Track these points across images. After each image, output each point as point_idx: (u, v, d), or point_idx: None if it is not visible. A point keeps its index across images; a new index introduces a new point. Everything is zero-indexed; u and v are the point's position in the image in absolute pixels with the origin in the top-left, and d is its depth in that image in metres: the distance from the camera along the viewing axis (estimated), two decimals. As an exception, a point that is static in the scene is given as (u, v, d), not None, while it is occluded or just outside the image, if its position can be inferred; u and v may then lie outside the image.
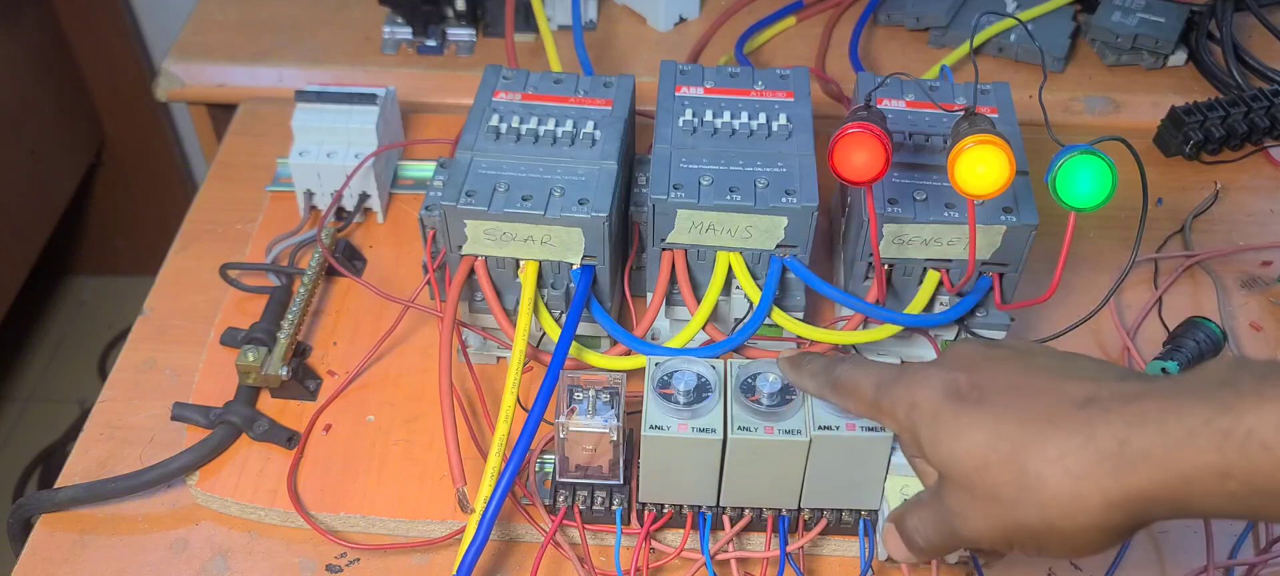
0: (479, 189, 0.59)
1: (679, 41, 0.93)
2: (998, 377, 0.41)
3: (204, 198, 0.80)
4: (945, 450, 0.41)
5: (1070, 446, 0.38)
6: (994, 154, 0.52)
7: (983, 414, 0.40)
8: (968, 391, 0.41)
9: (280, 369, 0.64)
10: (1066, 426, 0.38)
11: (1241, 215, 0.78)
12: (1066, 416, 0.38)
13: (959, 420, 0.41)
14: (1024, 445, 0.39)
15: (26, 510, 0.60)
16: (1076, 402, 0.39)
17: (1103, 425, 0.37)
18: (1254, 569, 0.58)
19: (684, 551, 0.57)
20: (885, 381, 0.45)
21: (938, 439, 0.41)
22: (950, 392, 0.42)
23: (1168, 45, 0.87)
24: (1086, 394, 0.39)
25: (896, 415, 0.44)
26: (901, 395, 0.44)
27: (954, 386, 0.42)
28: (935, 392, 0.42)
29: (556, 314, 0.61)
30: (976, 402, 0.41)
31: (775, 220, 0.58)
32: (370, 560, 0.58)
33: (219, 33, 0.94)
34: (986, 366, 0.42)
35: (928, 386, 0.43)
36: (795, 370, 0.52)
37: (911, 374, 0.44)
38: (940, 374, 0.43)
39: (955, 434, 0.41)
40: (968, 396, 0.41)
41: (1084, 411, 0.38)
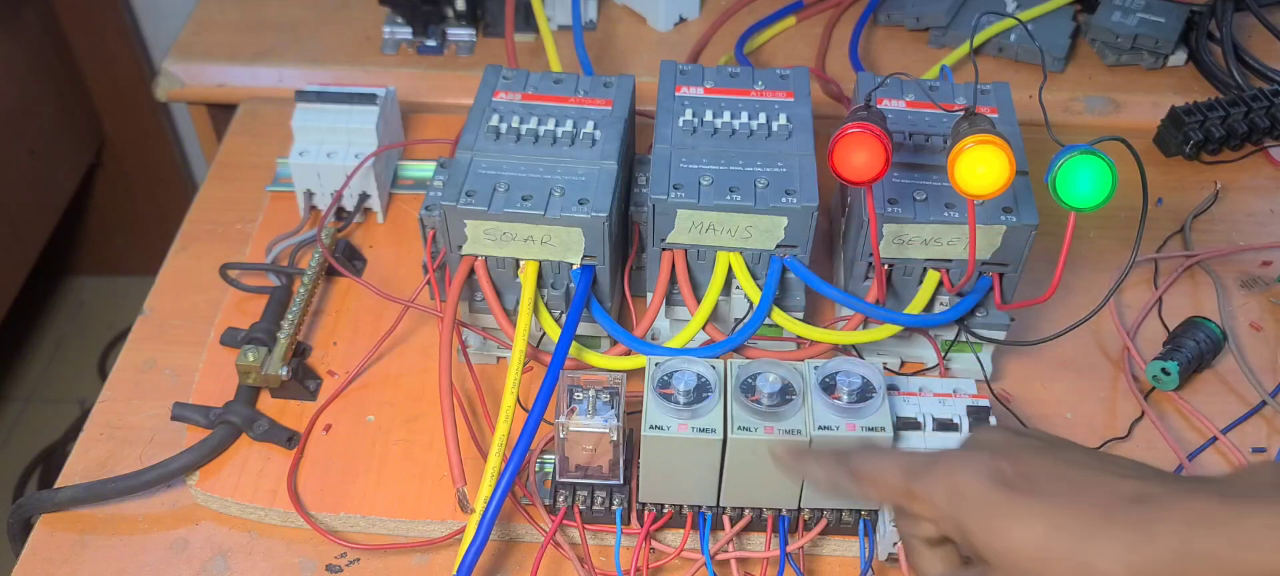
0: (479, 189, 0.59)
1: (679, 41, 0.93)
2: (1042, 467, 0.41)
3: (204, 198, 0.80)
4: (1000, 542, 0.40)
5: (1133, 543, 0.38)
6: (994, 154, 0.52)
7: (1037, 503, 0.40)
8: (1015, 480, 0.41)
9: (280, 369, 0.64)
10: (1126, 524, 0.38)
11: (1241, 215, 0.78)
12: (1125, 513, 0.39)
13: (1011, 508, 0.40)
14: (1085, 539, 0.39)
15: (26, 510, 0.60)
16: (1130, 499, 0.39)
17: (1161, 524, 0.38)
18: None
19: (684, 551, 0.57)
20: (917, 468, 0.44)
21: (990, 529, 0.40)
22: (997, 479, 0.41)
23: (1168, 45, 0.87)
24: (1138, 491, 0.39)
25: (935, 502, 0.43)
26: (940, 480, 0.43)
27: (1000, 473, 0.41)
28: (981, 478, 0.41)
29: (556, 314, 0.61)
30: (1027, 492, 0.40)
31: (775, 220, 0.58)
32: (370, 560, 0.58)
33: (219, 33, 0.94)
34: (1026, 455, 0.42)
35: (971, 471, 0.42)
36: (798, 460, 0.50)
37: (948, 459, 0.43)
38: (982, 458, 0.42)
39: (1008, 525, 0.40)
40: (1016, 485, 0.41)
41: (1142, 508, 0.38)
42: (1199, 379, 0.67)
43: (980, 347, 0.64)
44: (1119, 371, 0.67)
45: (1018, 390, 0.65)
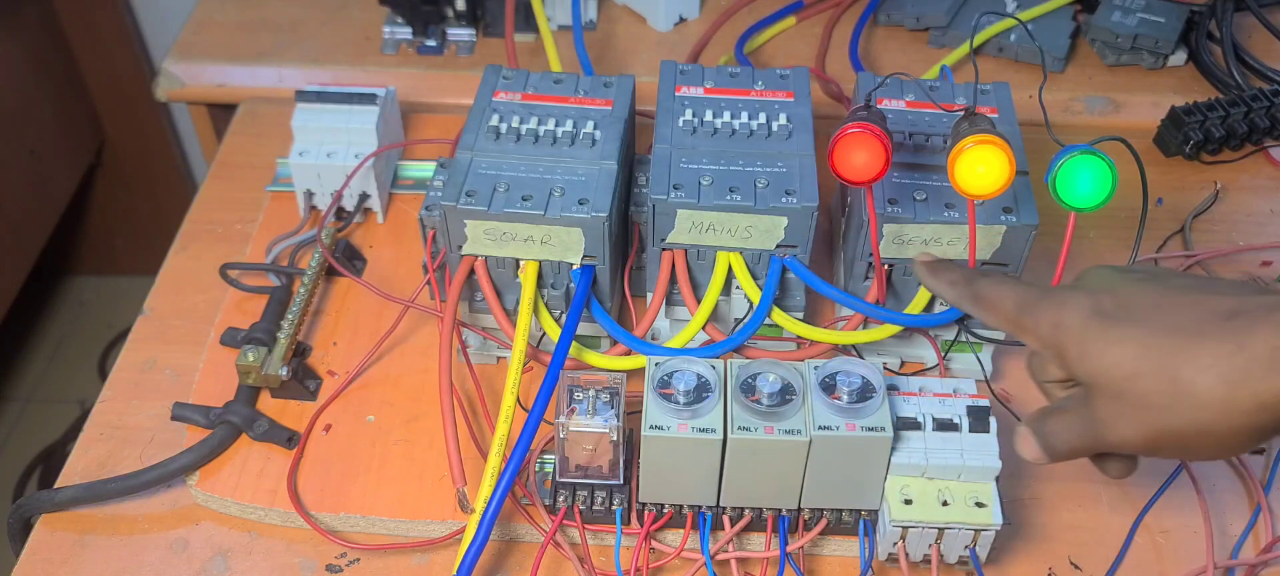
0: (479, 189, 0.59)
1: (679, 41, 0.93)
2: (1141, 297, 0.44)
3: (204, 198, 0.80)
4: (1095, 363, 0.44)
5: (1222, 353, 0.40)
6: (994, 154, 0.52)
7: (1132, 328, 0.43)
8: (1113, 310, 0.44)
9: (280, 369, 0.64)
10: (1217, 336, 0.41)
11: (1241, 215, 0.78)
12: (1216, 327, 0.41)
13: (1108, 334, 0.44)
14: (1174, 354, 0.41)
15: (26, 510, 0.60)
16: (1223, 315, 0.41)
17: (1251, 334, 0.40)
18: (1254, 569, 0.58)
19: (684, 551, 0.57)
20: (1029, 300, 0.48)
21: (1086, 353, 0.44)
22: (1096, 311, 0.45)
23: (1168, 45, 0.87)
24: (1231, 307, 0.42)
25: (1039, 332, 0.47)
26: (1046, 314, 0.46)
27: (1099, 306, 0.45)
28: (1082, 311, 0.45)
29: (556, 314, 0.61)
30: (1124, 320, 0.44)
31: (775, 220, 0.58)
32: (370, 560, 0.58)
33: (219, 33, 0.94)
34: (1127, 287, 0.45)
35: (1073, 305, 0.45)
36: (933, 276, 0.55)
37: (1055, 295, 0.47)
38: (1083, 296, 0.46)
39: (1105, 347, 0.44)
40: (1113, 314, 0.44)
41: (1233, 322, 0.41)
42: (1199, 379, 0.67)
43: (980, 347, 0.64)
44: (1119, 371, 0.67)
45: (1018, 390, 0.66)
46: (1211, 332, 0.41)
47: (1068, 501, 0.61)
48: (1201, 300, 0.43)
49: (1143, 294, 0.44)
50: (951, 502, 0.53)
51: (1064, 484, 0.61)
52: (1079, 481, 0.61)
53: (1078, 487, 0.61)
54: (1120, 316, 0.44)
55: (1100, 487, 0.61)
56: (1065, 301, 0.46)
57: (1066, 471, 0.61)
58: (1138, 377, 0.42)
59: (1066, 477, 0.61)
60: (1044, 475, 0.61)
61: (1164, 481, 0.61)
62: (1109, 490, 0.61)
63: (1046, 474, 0.61)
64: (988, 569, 0.57)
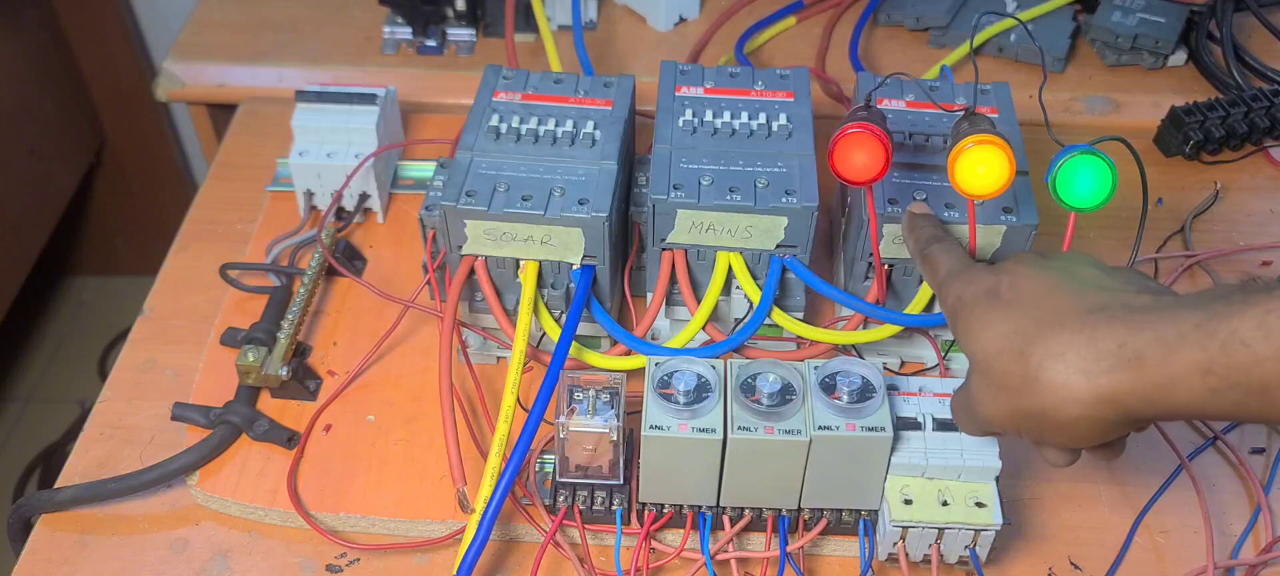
0: (479, 189, 0.59)
1: (679, 41, 0.93)
2: (1034, 284, 0.46)
3: (204, 198, 0.80)
4: (972, 341, 0.46)
5: (1073, 343, 0.42)
6: (994, 154, 0.52)
7: (1008, 312, 0.45)
8: (1005, 293, 0.46)
9: (280, 369, 0.64)
10: (1073, 326, 0.42)
11: (1241, 215, 0.78)
12: (1077, 319, 0.43)
13: (988, 315, 0.46)
14: (1033, 339, 0.43)
15: (26, 510, 0.60)
16: (1090, 308, 0.43)
17: (1105, 328, 0.41)
18: (1254, 569, 0.58)
19: (684, 551, 0.57)
20: (954, 270, 0.51)
21: (969, 330, 0.47)
22: (990, 292, 0.47)
23: (1168, 45, 0.87)
24: (1102, 301, 0.43)
25: (947, 303, 0.50)
26: (955, 287, 0.49)
27: (995, 288, 0.47)
28: (979, 290, 0.47)
29: (556, 314, 0.61)
30: (1007, 304, 0.46)
31: (775, 220, 0.58)
32: (370, 560, 0.58)
33: (219, 33, 0.94)
34: (1029, 273, 0.47)
35: (976, 284, 0.48)
36: (909, 227, 0.57)
37: (970, 271, 0.50)
38: (989, 276, 0.48)
39: (982, 327, 0.46)
40: (1003, 297, 0.46)
41: (1094, 316, 0.42)
42: (1199, 379, 0.67)
43: (980, 347, 0.64)
44: (1119, 371, 0.67)
45: (1018, 390, 0.65)
46: (1070, 323, 0.42)
47: (1068, 501, 0.61)
48: (1083, 293, 0.44)
49: (1040, 281, 0.46)
50: (951, 502, 0.53)
51: (1064, 484, 0.61)
52: (1079, 481, 0.61)
53: (1078, 487, 0.61)
54: (1007, 300, 0.46)
55: (1100, 487, 0.61)
56: (973, 277, 0.49)
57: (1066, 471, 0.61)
58: (999, 357, 0.44)
59: (1066, 477, 0.61)
60: (1044, 475, 0.61)
61: (1164, 481, 0.61)
62: (1109, 490, 0.61)
63: (1047, 474, 0.61)
64: (988, 569, 0.57)
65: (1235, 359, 0.38)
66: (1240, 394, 0.38)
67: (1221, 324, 0.38)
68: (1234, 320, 0.38)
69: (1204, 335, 0.39)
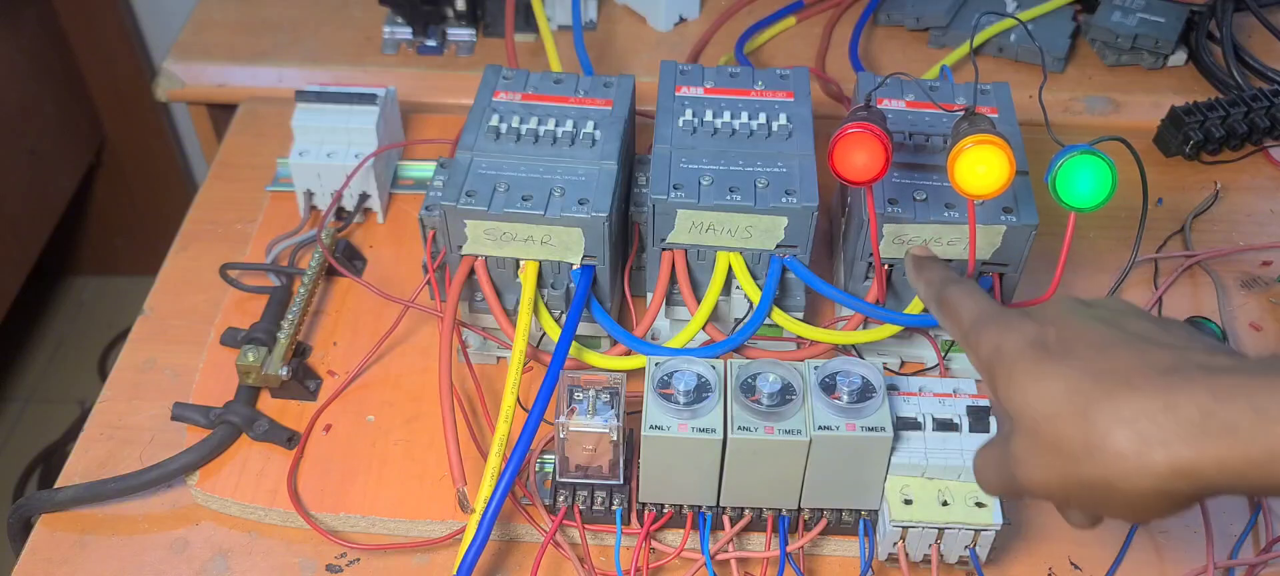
0: (479, 189, 0.59)
1: (679, 41, 0.93)
2: (1085, 335, 0.42)
3: (204, 198, 0.80)
4: (1018, 396, 0.41)
5: (1147, 410, 0.37)
6: (994, 154, 0.52)
7: (1063, 367, 0.41)
8: (1053, 344, 0.42)
9: (280, 369, 0.64)
10: (1146, 390, 0.38)
11: (1241, 215, 0.78)
12: (1147, 381, 0.38)
13: (1038, 368, 0.41)
14: (1097, 401, 0.39)
15: (26, 510, 0.60)
16: (1160, 369, 0.39)
17: (1185, 393, 0.37)
18: (1254, 569, 0.58)
19: (684, 551, 0.57)
20: (982, 318, 0.46)
21: (1012, 384, 0.42)
22: (1035, 342, 0.42)
23: (1168, 45, 0.87)
24: (1171, 362, 0.39)
25: (980, 353, 0.45)
26: (990, 336, 0.44)
27: (1041, 338, 0.42)
28: (1021, 340, 0.43)
29: (556, 314, 0.61)
30: (1059, 356, 0.41)
31: (775, 220, 0.58)
32: (370, 560, 0.58)
33: (219, 33, 0.94)
34: (1076, 323, 0.43)
35: (1016, 333, 0.43)
36: (916, 271, 0.55)
37: (1005, 318, 0.45)
38: (1031, 325, 0.43)
39: (1030, 382, 0.41)
40: (1051, 348, 0.42)
41: (1166, 378, 0.38)
42: (1199, 379, 0.67)
43: (980, 347, 0.64)
44: (1119, 371, 0.67)
45: (1018, 390, 0.65)
46: (1141, 385, 0.38)
47: (1068, 501, 0.61)
48: (1144, 350, 0.40)
49: (1089, 332, 0.42)
50: (951, 502, 0.53)
51: (1064, 484, 0.61)
52: (1079, 481, 0.61)
53: (1078, 487, 0.61)
54: (1057, 352, 0.41)
55: (1100, 487, 0.61)
56: (1011, 326, 0.44)
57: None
58: (1055, 419, 0.40)
59: (1066, 477, 0.61)
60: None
61: (1164, 481, 0.61)
62: (1109, 490, 0.61)
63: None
64: (988, 569, 0.57)
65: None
66: None
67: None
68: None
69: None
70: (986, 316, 0.46)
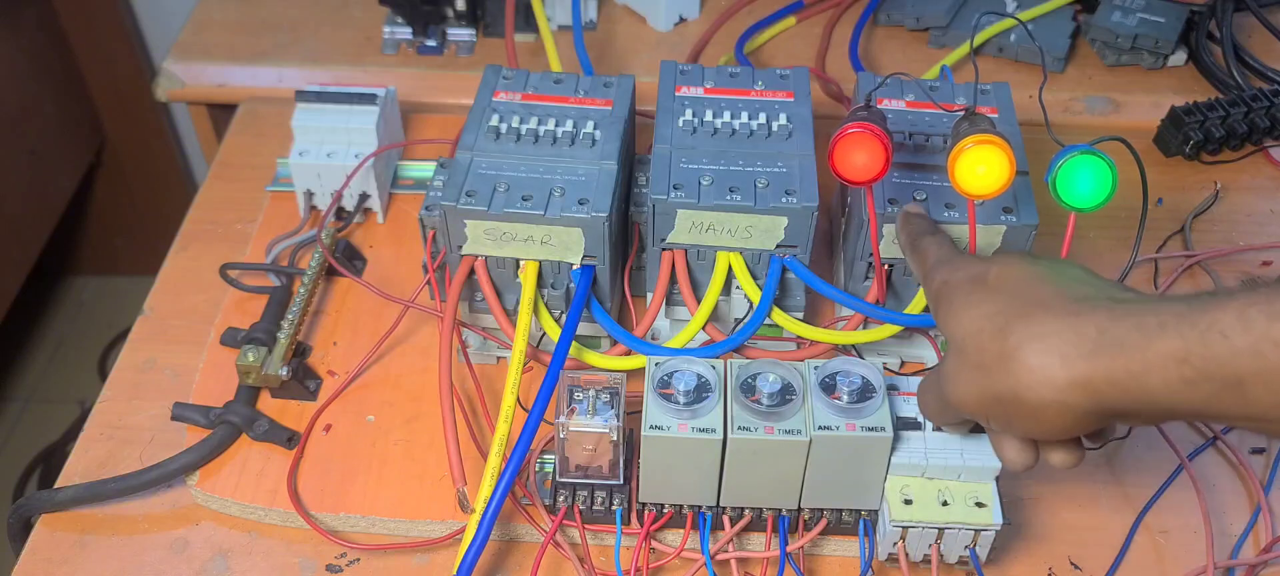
0: (479, 189, 0.59)
1: (679, 41, 0.93)
2: (1022, 273, 0.45)
3: (204, 198, 0.80)
4: (952, 321, 0.46)
5: (1053, 328, 0.42)
6: (994, 154, 0.52)
7: (993, 295, 0.45)
8: (992, 280, 0.46)
9: (280, 369, 0.64)
10: (1058, 312, 0.42)
11: (1241, 215, 0.78)
12: (1062, 306, 0.42)
13: (971, 297, 0.46)
14: (1013, 321, 0.43)
15: (26, 510, 0.60)
16: (1075, 298, 0.43)
17: (1089, 317, 0.41)
18: (1254, 569, 0.58)
19: (684, 551, 0.57)
20: (941, 259, 0.51)
21: (950, 311, 0.47)
22: (976, 277, 0.47)
23: (1168, 45, 0.87)
24: (1086, 293, 0.43)
25: (931, 287, 0.50)
26: (942, 273, 0.49)
27: (982, 274, 0.47)
28: (965, 276, 0.47)
29: (556, 314, 0.61)
30: (993, 289, 0.45)
31: (775, 220, 0.58)
32: (370, 560, 0.58)
33: (219, 33, 0.94)
34: (1017, 265, 0.46)
35: (963, 270, 0.48)
36: (902, 224, 0.57)
37: (958, 259, 0.50)
38: (976, 264, 0.48)
39: (963, 308, 0.46)
40: (989, 282, 0.46)
41: (1077, 304, 0.42)
42: (1199, 379, 0.67)
43: (980, 347, 0.64)
44: (1119, 371, 0.67)
45: (1018, 390, 0.65)
46: (1055, 307, 0.42)
47: (1068, 501, 0.61)
48: (1067, 286, 0.44)
49: (1028, 271, 0.45)
50: (951, 502, 0.53)
51: (1064, 484, 0.61)
52: (1079, 481, 0.61)
53: (1078, 488, 0.61)
54: (992, 286, 0.45)
55: (1100, 487, 0.61)
56: (960, 265, 0.49)
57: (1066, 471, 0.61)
58: (978, 335, 0.44)
59: (1066, 478, 0.61)
60: (1044, 475, 0.61)
61: (1164, 481, 0.61)
62: (1109, 490, 0.61)
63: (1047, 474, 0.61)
64: (988, 569, 0.57)
65: (1212, 349, 0.38)
66: (1215, 386, 0.38)
67: (1202, 314, 0.38)
68: (1215, 311, 0.38)
69: (1184, 324, 0.38)
70: (944, 258, 0.51)
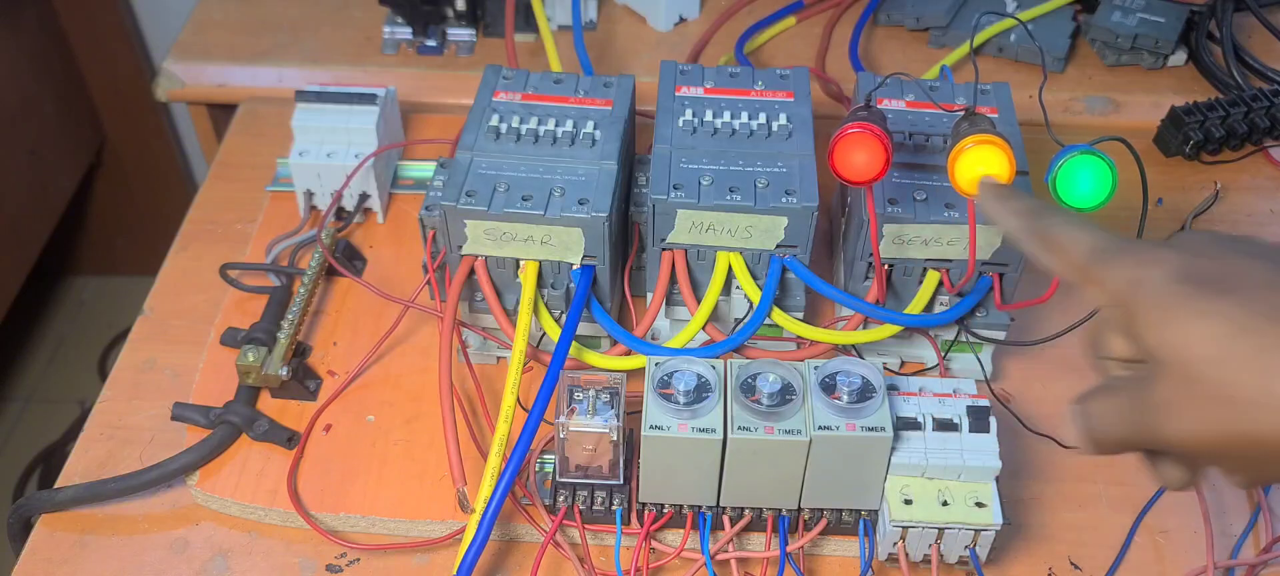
0: (479, 189, 0.59)
1: (679, 41, 0.93)
2: (1250, 272, 0.37)
3: (204, 198, 0.80)
4: (1174, 333, 0.36)
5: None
6: (994, 154, 0.52)
7: (1227, 303, 0.35)
8: (1212, 276, 0.37)
9: (280, 369, 0.64)
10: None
11: (1241, 215, 0.78)
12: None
13: (1197, 304, 0.36)
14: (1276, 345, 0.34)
15: (26, 510, 0.60)
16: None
17: None
18: (1254, 569, 0.58)
19: (684, 551, 0.57)
20: (1106, 248, 0.40)
21: (1166, 320, 0.36)
22: (1189, 275, 0.37)
23: (1168, 45, 0.87)
24: None
25: (1108, 286, 0.39)
26: (1125, 266, 0.39)
27: (1196, 270, 0.37)
28: (1171, 270, 0.37)
29: (556, 314, 0.61)
30: (1223, 290, 0.36)
31: (775, 220, 0.58)
32: (370, 560, 0.58)
33: (219, 33, 0.94)
34: (1234, 257, 0.37)
35: (1161, 264, 0.38)
36: (998, 202, 0.47)
37: (1140, 248, 0.39)
38: (1176, 256, 0.38)
39: (1191, 318, 0.36)
40: (1211, 281, 0.36)
41: None
42: (1199, 379, 0.67)
43: (980, 348, 0.64)
44: (1119, 371, 0.67)
45: (1018, 390, 0.66)
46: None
47: (1068, 501, 0.61)
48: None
49: (1250, 268, 0.37)
50: (951, 502, 0.53)
51: (1064, 484, 0.61)
52: (1079, 481, 0.61)
53: (1078, 488, 0.61)
54: (1218, 286, 0.36)
55: (1100, 487, 0.61)
56: (1152, 257, 0.38)
57: (1067, 471, 0.61)
58: (1224, 362, 0.35)
59: (1066, 477, 0.61)
60: (1044, 475, 0.61)
61: (1164, 481, 0.61)
62: (1109, 490, 0.61)
63: (1047, 474, 0.61)
64: (988, 569, 0.57)
65: None
66: None
67: None
68: None
69: None
70: (1113, 247, 0.40)
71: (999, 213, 0.47)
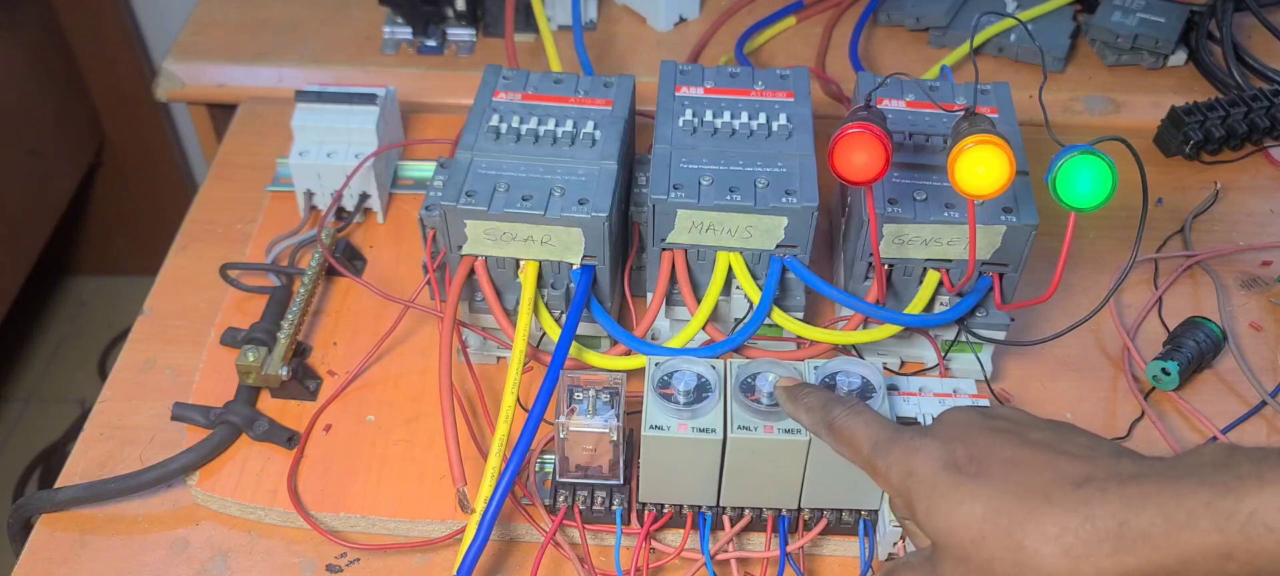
0: (479, 189, 0.59)
1: (679, 41, 0.93)
2: (995, 451, 0.42)
3: (204, 198, 0.80)
4: (942, 521, 0.42)
5: (1068, 525, 0.38)
6: (994, 154, 0.52)
7: (980, 487, 0.41)
8: (965, 464, 0.42)
9: (280, 369, 0.64)
10: (1064, 504, 0.39)
11: (1241, 215, 0.78)
12: (1064, 494, 0.39)
13: (957, 492, 0.41)
14: (1021, 521, 0.39)
15: (26, 510, 0.60)
16: (1074, 481, 0.39)
17: (1100, 504, 0.38)
18: None
19: (684, 551, 0.57)
20: (882, 442, 0.46)
21: (934, 509, 0.42)
22: (948, 464, 0.42)
23: (1168, 45, 0.87)
24: (1084, 473, 0.40)
25: (890, 479, 0.45)
26: (897, 461, 0.44)
27: (952, 458, 0.43)
28: (933, 463, 0.43)
29: (556, 314, 0.61)
30: (974, 475, 0.41)
31: (775, 220, 0.58)
32: (370, 560, 0.58)
33: (219, 33, 0.94)
34: (983, 439, 0.43)
35: (924, 455, 0.43)
36: (792, 401, 0.51)
37: (908, 440, 0.45)
38: (937, 446, 0.43)
39: (953, 506, 0.41)
40: (965, 469, 0.42)
41: (1082, 490, 0.39)
42: (1199, 379, 0.67)
43: (980, 348, 0.64)
44: (1119, 371, 0.67)
45: (1018, 390, 0.66)
46: (1060, 500, 0.39)
47: (1068, 501, 0.60)
48: (1054, 461, 0.41)
49: (998, 447, 0.42)
50: (951, 502, 0.53)
51: (1064, 484, 0.61)
52: (1079, 481, 0.61)
53: (1078, 487, 0.61)
54: (971, 472, 0.42)
55: (1100, 487, 0.61)
56: (917, 448, 0.44)
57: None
58: (983, 542, 0.40)
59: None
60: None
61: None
62: (1109, 490, 0.61)
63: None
64: None
65: (1260, 545, 0.35)
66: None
67: (1237, 504, 0.35)
68: (1250, 500, 0.35)
69: (1219, 516, 0.36)
70: (886, 440, 0.46)
71: (792, 410, 0.51)
